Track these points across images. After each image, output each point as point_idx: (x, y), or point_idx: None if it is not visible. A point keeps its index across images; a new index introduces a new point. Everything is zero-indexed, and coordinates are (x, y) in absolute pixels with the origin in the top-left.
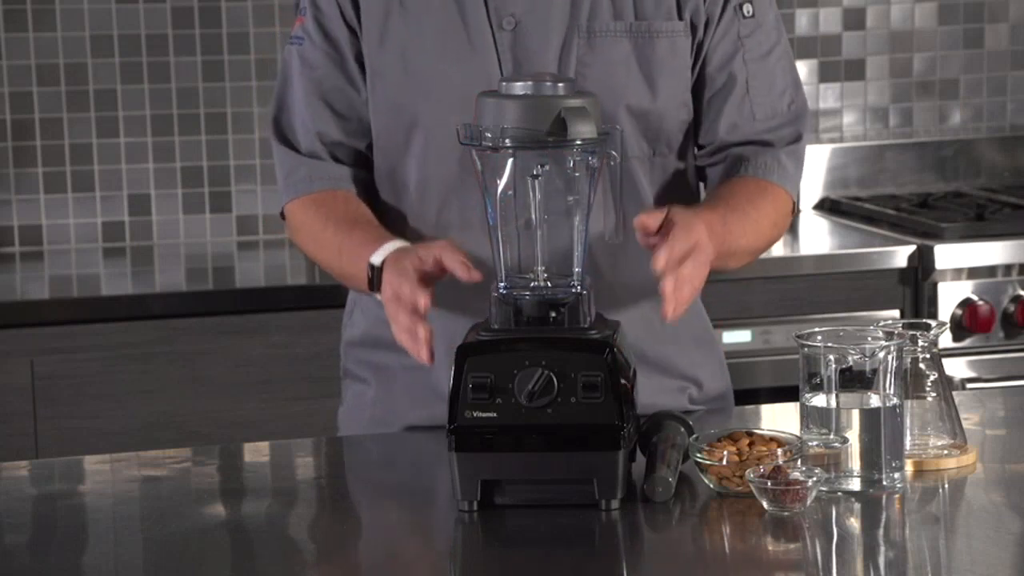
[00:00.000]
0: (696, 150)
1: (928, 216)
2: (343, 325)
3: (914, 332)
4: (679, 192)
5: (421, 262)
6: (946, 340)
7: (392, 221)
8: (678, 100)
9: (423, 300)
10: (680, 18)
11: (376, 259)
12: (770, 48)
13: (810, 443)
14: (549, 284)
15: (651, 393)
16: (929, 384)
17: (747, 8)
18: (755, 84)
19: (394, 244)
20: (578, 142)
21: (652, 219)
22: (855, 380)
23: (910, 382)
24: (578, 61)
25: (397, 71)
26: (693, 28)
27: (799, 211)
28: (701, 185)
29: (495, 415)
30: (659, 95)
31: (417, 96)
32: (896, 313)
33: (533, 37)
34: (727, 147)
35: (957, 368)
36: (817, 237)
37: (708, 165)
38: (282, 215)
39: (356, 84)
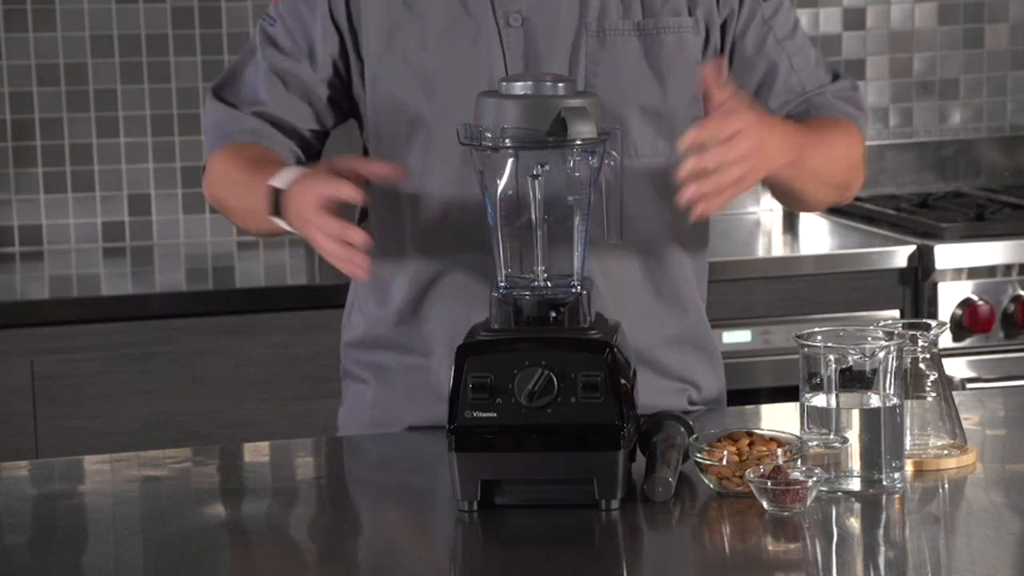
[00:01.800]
0: None
1: (928, 216)
2: (342, 325)
3: (914, 332)
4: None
5: (331, 165)
6: (946, 340)
7: (390, 220)
8: (688, 96)
9: (347, 189)
10: (690, 15)
11: (277, 182)
12: (794, 23)
13: (810, 443)
14: (549, 284)
15: (651, 394)
16: (929, 384)
17: None
18: (796, 60)
19: (298, 169)
20: (578, 142)
21: (719, 88)
22: (855, 380)
23: (910, 382)
24: (588, 60)
25: (400, 69)
26: (707, 26)
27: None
28: None
29: (495, 415)
30: (669, 92)
31: (421, 93)
32: (896, 313)
33: (541, 35)
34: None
35: (957, 368)
36: (817, 237)
37: None
38: (203, 171)
39: (316, 69)
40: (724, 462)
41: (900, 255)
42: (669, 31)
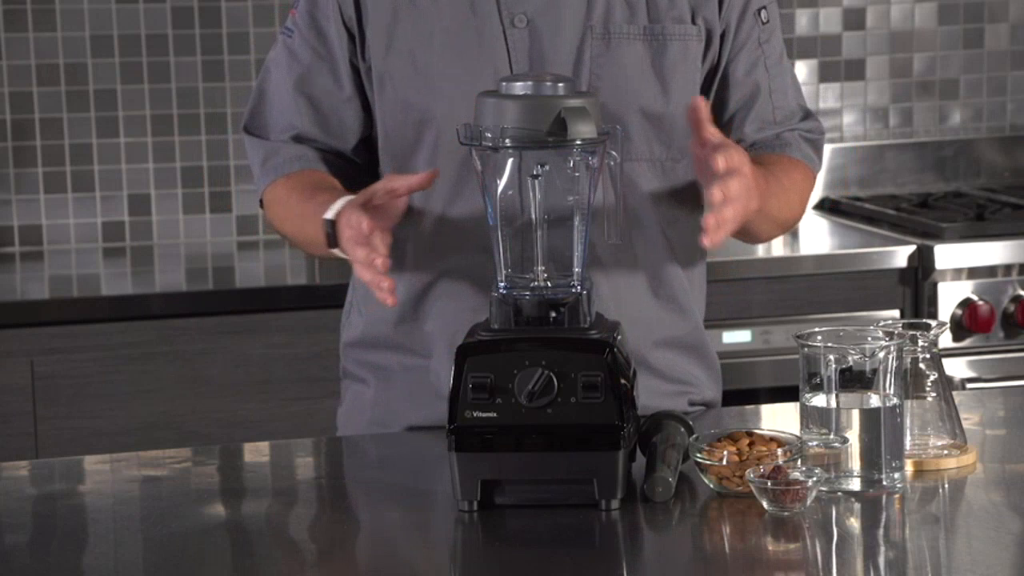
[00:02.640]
0: None
1: (928, 216)
2: (341, 326)
3: (914, 332)
4: (685, 197)
5: (368, 193)
6: (946, 340)
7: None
8: (688, 102)
9: (365, 222)
10: (693, 23)
11: (330, 214)
12: (781, 51)
13: (810, 443)
14: (549, 284)
15: (648, 396)
16: (929, 384)
17: (764, 14)
18: (775, 88)
19: (346, 198)
20: (578, 142)
21: (711, 124)
22: (855, 380)
23: (910, 382)
24: (592, 63)
25: (406, 69)
26: (708, 35)
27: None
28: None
29: (495, 415)
30: (672, 98)
31: (426, 93)
32: (896, 313)
33: (546, 37)
34: (750, 147)
35: (957, 368)
36: (817, 237)
37: None
38: (261, 204)
39: (342, 83)
40: (724, 462)
41: (900, 255)
42: (674, 37)
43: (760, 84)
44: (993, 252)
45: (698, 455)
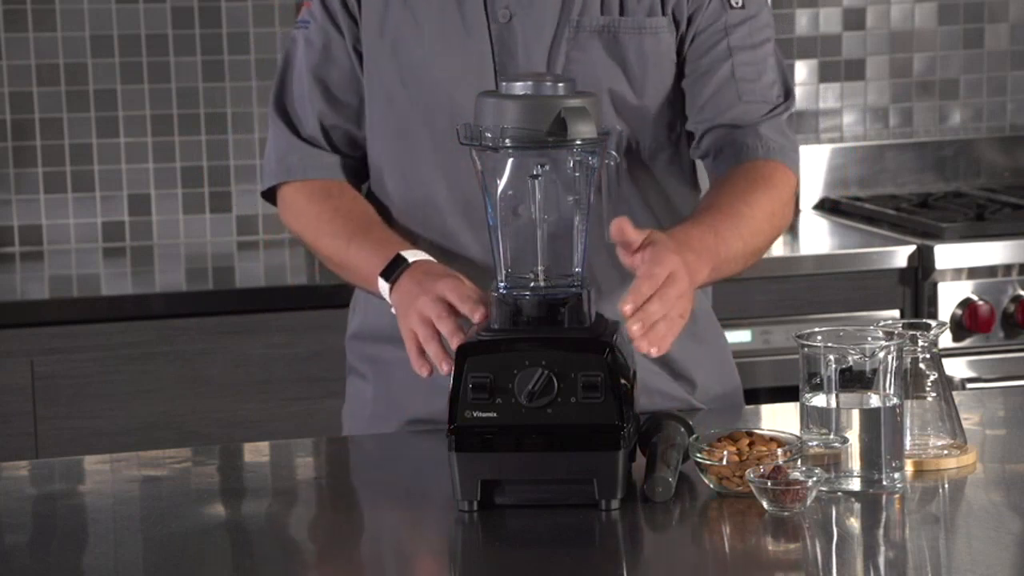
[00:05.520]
0: (689, 145)
1: (928, 216)
2: (348, 317)
3: (914, 332)
4: (661, 190)
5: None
6: (946, 340)
7: (384, 207)
8: (664, 95)
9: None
10: (663, 13)
11: (410, 256)
12: (760, 41)
13: (810, 443)
14: (549, 284)
15: (649, 384)
16: (929, 384)
17: (735, 0)
18: (742, 71)
19: (425, 256)
20: (578, 142)
21: (634, 234)
22: (855, 380)
23: (910, 382)
24: (567, 56)
25: (391, 60)
26: (676, 23)
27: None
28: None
29: (495, 415)
30: (646, 91)
31: (409, 84)
32: (896, 313)
33: (524, 30)
34: (713, 130)
35: (957, 368)
36: (817, 237)
37: (701, 157)
38: (269, 195)
39: (356, 68)
40: (724, 462)
41: (900, 255)
42: (646, 31)
43: (721, 63)
44: (993, 252)
45: (698, 455)
